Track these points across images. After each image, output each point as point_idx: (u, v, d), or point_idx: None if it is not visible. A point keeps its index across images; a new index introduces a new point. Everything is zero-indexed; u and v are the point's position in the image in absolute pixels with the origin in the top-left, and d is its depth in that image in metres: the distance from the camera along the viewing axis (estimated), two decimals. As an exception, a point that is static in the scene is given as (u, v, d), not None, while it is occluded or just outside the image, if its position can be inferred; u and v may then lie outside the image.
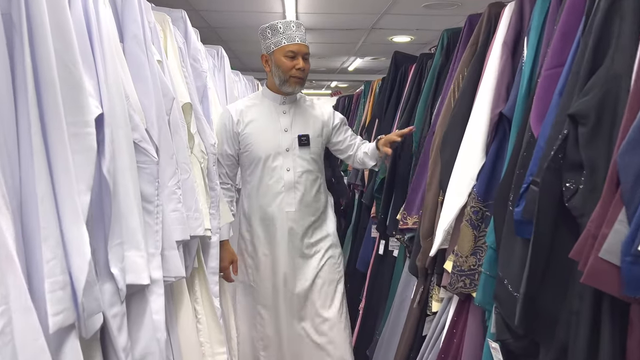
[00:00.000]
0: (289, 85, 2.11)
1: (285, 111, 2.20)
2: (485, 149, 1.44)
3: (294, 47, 2.07)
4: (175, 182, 1.40)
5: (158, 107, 1.34)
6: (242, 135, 2.15)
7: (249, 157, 2.16)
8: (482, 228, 1.44)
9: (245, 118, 2.16)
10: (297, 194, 2.16)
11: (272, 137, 2.15)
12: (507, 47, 1.42)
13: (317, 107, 2.31)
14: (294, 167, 2.16)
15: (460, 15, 3.87)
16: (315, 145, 2.21)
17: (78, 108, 0.81)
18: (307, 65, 2.12)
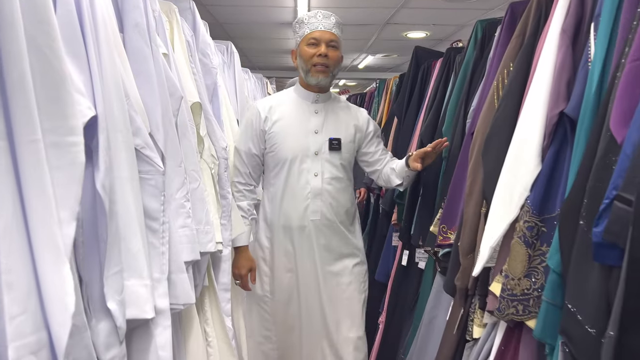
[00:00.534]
0: (312, 76, 1.94)
1: (317, 111, 2.03)
2: (541, 154, 1.25)
3: (316, 34, 1.92)
4: (184, 194, 1.21)
5: (164, 108, 1.16)
6: (269, 134, 1.99)
7: (274, 158, 2.00)
8: (538, 246, 1.24)
9: (274, 116, 2.00)
10: (325, 201, 1.99)
11: (300, 138, 1.98)
12: (567, 36, 1.23)
13: (353, 110, 2.13)
14: (322, 173, 1.98)
15: (480, 9, 3.68)
16: (347, 150, 2.03)
17: (60, 110, 0.62)
18: (334, 53, 1.94)
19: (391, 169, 2.07)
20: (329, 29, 1.93)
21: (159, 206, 1.06)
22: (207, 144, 1.66)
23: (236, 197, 1.98)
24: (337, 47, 1.95)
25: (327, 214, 2.00)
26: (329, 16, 1.95)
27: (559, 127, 1.21)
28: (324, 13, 1.95)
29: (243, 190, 2.02)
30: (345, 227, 2.06)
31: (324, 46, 1.90)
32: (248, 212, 2.00)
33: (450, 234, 1.73)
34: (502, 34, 1.59)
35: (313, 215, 1.99)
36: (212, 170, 1.67)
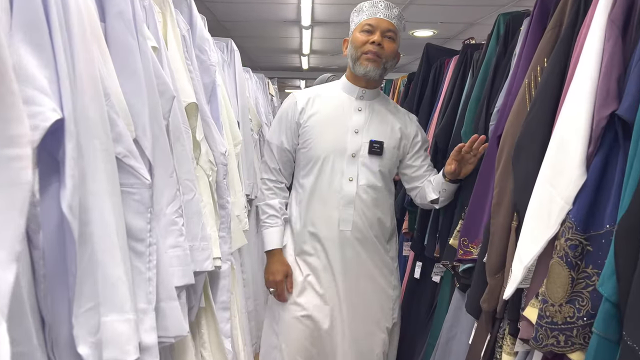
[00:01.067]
0: (361, 64, 1.72)
1: (360, 108, 1.80)
2: (586, 161, 1.09)
3: (373, 21, 1.71)
4: (175, 209, 1.05)
5: (152, 109, 1.00)
6: (304, 127, 1.78)
7: (307, 156, 1.78)
8: (582, 267, 1.08)
9: (311, 108, 1.79)
10: (358, 211, 1.75)
11: (338, 136, 1.76)
12: (616, 27, 1.07)
13: (402, 114, 1.90)
14: (358, 178, 1.75)
15: (491, 5, 3.52)
16: (390, 157, 1.80)
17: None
18: (389, 44, 1.72)
19: (428, 181, 1.85)
20: (388, 18, 1.72)
21: (144, 224, 0.91)
22: (204, 148, 1.50)
23: (266, 194, 1.82)
24: (394, 40, 1.74)
25: (360, 226, 1.76)
26: (391, 7, 1.74)
27: (608, 130, 1.05)
28: (386, 3, 1.74)
29: (273, 188, 1.83)
30: (380, 242, 1.82)
31: (379, 34, 1.69)
32: (280, 211, 1.82)
33: (473, 248, 1.57)
34: (532, 27, 1.43)
35: (344, 225, 1.75)
36: (209, 178, 1.51)
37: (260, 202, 1.84)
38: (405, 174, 1.90)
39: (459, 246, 1.61)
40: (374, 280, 1.81)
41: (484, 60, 1.78)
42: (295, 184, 1.85)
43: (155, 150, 1.00)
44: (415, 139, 1.87)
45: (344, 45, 1.83)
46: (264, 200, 1.82)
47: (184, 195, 1.23)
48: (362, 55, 1.70)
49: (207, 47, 1.67)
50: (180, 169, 1.23)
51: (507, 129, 1.37)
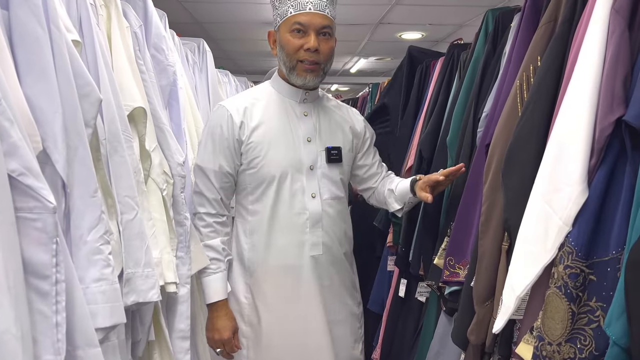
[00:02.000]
0: (297, 75, 1.46)
1: (307, 113, 1.54)
2: (588, 176, 0.93)
3: (303, 18, 1.40)
4: (100, 234, 0.88)
5: (69, 114, 0.83)
6: (247, 144, 1.48)
7: (256, 177, 1.49)
8: (584, 300, 0.92)
9: (252, 120, 1.48)
10: (326, 230, 1.53)
11: (290, 149, 1.49)
12: (622, 18, 0.91)
13: (345, 110, 1.66)
14: (321, 192, 1.52)
15: (482, 6, 3.38)
16: (347, 162, 1.59)
17: None
18: (326, 45, 1.44)
19: (389, 190, 1.65)
20: (320, 9, 1.41)
21: (49, 258, 0.73)
22: (157, 159, 1.33)
23: (204, 233, 1.49)
24: (331, 35, 1.46)
25: (330, 245, 1.54)
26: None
27: (613, 139, 0.90)
28: None
29: (213, 224, 1.50)
30: (348, 260, 1.63)
31: (314, 36, 1.40)
32: (223, 253, 1.51)
33: (459, 269, 1.41)
34: (523, 23, 1.28)
35: (313, 249, 1.51)
36: (163, 192, 1.34)
37: None
38: (357, 174, 1.70)
39: (445, 266, 1.45)
40: (345, 305, 1.61)
41: (471, 61, 1.63)
42: (242, 212, 1.55)
43: (73, 165, 0.83)
44: (365, 136, 1.67)
45: (269, 40, 1.53)
46: (203, 241, 1.49)
47: (123, 215, 1.06)
48: (298, 64, 1.44)
49: (164, 46, 1.50)
50: (119, 185, 1.06)
51: (496, 137, 1.22)
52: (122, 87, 1.18)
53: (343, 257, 1.60)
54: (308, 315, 1.53)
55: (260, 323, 1.52)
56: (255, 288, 1.53)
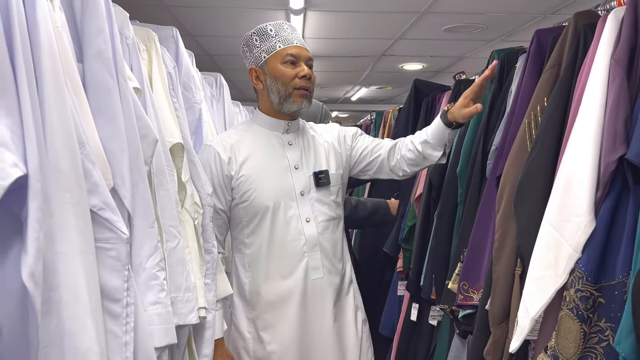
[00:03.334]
0: (294, 102, 1.53)
1: (291, 142, 1.62)
2: (594, 207, 1.03)
3: (294, 50, 1.52)
4: (156, 261, 0.97)
5: (133, 155, 0.93)
6: (237, 179, 1.54)
7: (249, 210, 1.54)
8: (594, 321, 1.02)
9: (239, 155, 1.55)
10: (324, 252, 1.57)
11: (280, 178, 1.56)
12: (621, 67, 1.03)
13: (323, 130, 1.71)
14: (315, 216, 1.57)
15: (481, 39, 3.54)
16: (336, 182, 1.63)
17: None
18: (313, 75, 1.57)
19: (420, 143, 1.59)
20: (303, 44, 1.55)
21: (121, 283, 0.82)
22: (189, 190, 1.42)
23: None
24: (313, 66, 1.59)
25: (330, 267, 1.58)
26: (294, 29, 1.58)
27: (617, 175, 1.00)
28: (289, 25, 1.57)
29: None
30: (350, 279, 1.67)
31: (304, 65, 1.53)
32: None
33: (473, 293, 1.49)
34: (529, 65, 1.40)
35: (314, 273, 1.55)
36: (195, 222, 1.43)
37: None
38: (362, 166, 1.69)
39: (459, 290, 1.53)
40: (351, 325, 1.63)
41: (479, 97, 1.74)
42: (239, 247, 1.59)
43: (135, 199, 0.92)
44: (347, 140, 1.70)
45: (251, 76, 1.61)
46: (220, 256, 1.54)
47: (168, 242, 1.15)
48: (295, 92, 1.52)
49: (193, 85, 1.61)
50: (164, 215, 1.15)
51: (507, 170, 1.32)
52: (163, 125, 1.28)
53: (345, 277, 1.64)
54: (314, 340, 1.56)
55: (266, 356, 1.55)
56: (258, 321, 1.56)
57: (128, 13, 1.19)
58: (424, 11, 2.90)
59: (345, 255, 1.66)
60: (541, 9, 2.83)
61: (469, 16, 3.00)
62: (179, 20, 3.09)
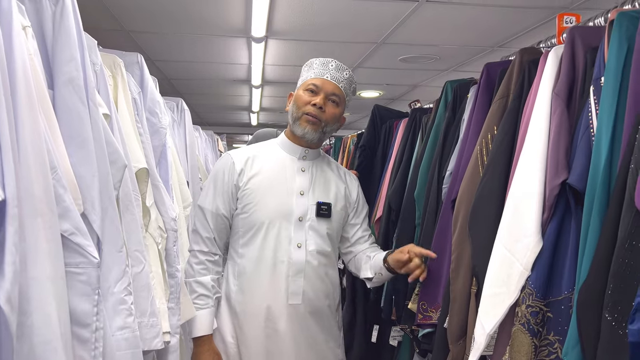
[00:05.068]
0: (300, 125, 1.60)
1: (304, 169, 1.66)
2: (541, 228, 1.11)
3: (318, 81, 1.60)
4: (124, 286, 0.97)
5: (103, 180, 0.94)
6: (243, 190, 1.58)
7: (247, 222, 1.58)
8: (544, 334, 1.09)
9: (251, 169, 1.61)
10: (308, 280, 1.58)
11: (282, 199, 1.59)
12: (561, 100, 1.13)
13: (343, 173, 1.77)
14: (307, 244, 1.59)
15: (435, 69, 3.72)
16: (337, 219, 1.67)
17: None
18: (332, 110, 1.60)
19: (367, 257, 1.70)
20: (336, 80, 1.61)
21: (91, 308, 0.82)
22: (153, 215, 1.43)
23: (196, 270, 1.57)
24: (339, 104, 1.62)
25: (312, 296, 1.58)
26: (342, 69, 1.63)
27: (560, 198, 1.09)
28: (338, 64, 1.63)
29: (205, 262, 1.57)
30: (332, 313, 1.66)
31: (323, 96, 1.58)
32: (212, 290, 1.57)
33: (432, 312, 1.55)
34: (479, 96, 1.50)
35: (293, 298, 1.56)
36: (159, 246, 1.43)
37: (189, 278, 1.58)
38: (344, 236, 1.76)
39: (418, 310, 1.59)
40: (322, 358, 1.63)
41: (433, 125, 1.84)
42: (233, 255, 1.63)
43: (105, 224, 0.93)
44: (359, 200, 1.77)
45: (288, 99, 1.72)
46: (194, 277, 1.56)
47: (133, 267, 1.15)
48: (303, 116, 1.59)
49: (158, 110, 1.63)
50: (130, 240, 1.15)
51: (461, 194, 1.40)
52: (129, 150, 1.29)
53: (327, 310, 1.64)
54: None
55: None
56: (239, 330, 1.58)
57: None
58: (380, 42, 3.03)
59: (331, 290, 1.66)
60: (490, 42, 3.02)
61: (423, 47, 3.15)
62: (139, 45, 3.10)
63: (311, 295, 1.59)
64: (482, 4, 2.41)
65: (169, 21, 2.67)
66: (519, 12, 2.51)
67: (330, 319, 1.66)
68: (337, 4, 2.44)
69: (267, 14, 2.47)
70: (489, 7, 2.44)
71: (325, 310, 1.64)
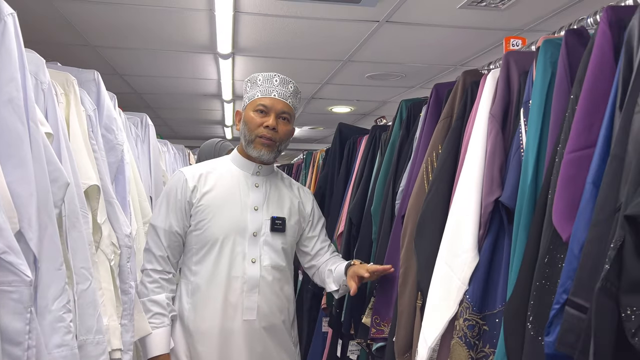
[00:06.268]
0: (254, 148, 1.61)
1: (258, 184, 1.67)
2: (478, 244, 1.16)
3: (267, 101, 1.59)
4: (63, 304, 0.98)
5: (42, 198, 0.95)
6: (197, 207, 1.58)
7: (201, 238, 1.58)
8: (480, 347, 1.12)
9: (204, 186, 1.61)
10: (263, 296, 1.59)
11: (236, 215, 1.59)
12: (496, 121, 1.18)
13: (297, 189, 1.80)
14: (261, 259, 1.61)
15: (403, 86, 3.79)
16: (292, 233, 1.69)
17: None
18: (284, 127, 1.62)
19: (329, 270, 1.72)
20: (283, 98, 1.62)
21: (23, 326, 0.83)
22: (106, 231, 1.43)
23: (150, 288, 1.55)
24: (289, 121, 1.65)
25: (267, 312, 1.59)
26: (286, 83, 1.64)
27: (495, 215, 1.14)
28: (282, 78, 1.64)
29: (159, 280, 1.56)
30: (287, 328, 1.67)
31: (274, 117, 1.59)
32: (167, 308, 1.55)
33: (384, 326, 1.58)
34: (428, 115, 1.55)
35: (247, 314, 1.56)
36: (111, 262, 1.43)
37: (143, 297, 1.55)
38: (304, 251, 1.79)
39: (371, 324, 1.62)
40: None
41: (389, 142, 1.89)
42: (186, 272, 1.62)
43: (43, 242, 0.94)
44: (313, 214, 1.79)
45: (236, 118, 1.71)
46: (148, 296, 1.54)
47: (79, 285, 1.16)
48: (257, 139, 1.60)
49: (114, 126, 1.63)
50: (75, 257, 1.16)
51: (409, 210, 1.44)
52: (79, 167, 1.30)
53: (281, 325, 1.65)
54: None
55: None
56: (192, 349, 1.57)
57: (53, 53, 1.23)
58: (346, 60, 3.09)
59: (286, 305, 1.68)
60: (453, 61, 3.11)
61: (389, 65, 3.22)
62: (106, 60, 3.10)
63: (266, 310, 1.60)
64: (441, 25, 2.49)
65: (135, 36, 2.69)
66: (478, 33, 2.59)
67: (285, 335, 1.67)
68: (298, 24, 2.49)
69: (231, 31, 2.51)
70: (449, 27, 2.52)
71: (279, 325, 1.64)
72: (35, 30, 2.51)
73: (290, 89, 1.65)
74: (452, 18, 2.38)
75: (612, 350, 0.71)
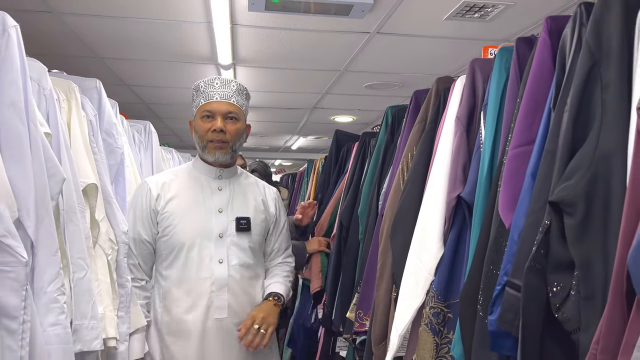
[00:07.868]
0: (209, 153, 1.66)
1: (221, 187, 1.72)
2: (443, 237, 1.24)
3: (210, 106, 1.63)
4: (57, 287, 1.08)
5: (40, 191, 1.06)
6: (162, 214, 1.64)
7: (168, 244, 1.63)
8: (445, 333, 1.20)
9: (168, 193, 1.67)
10: (233, 294, 1.64)
11: (201, 219, 1.65)
12: (461, 123, 1.27)
13: (262, 187, 1.84)
14: (229, 259, 1.65)
15: (402, 96, 3.88)
16: (258, 232, 1.73)
17: None
18: (232, 127, 1.65)
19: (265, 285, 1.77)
20: (226, 98, 1.64)
21: (18, 302, 0.93)
22: (104, 228, 1.53)
23: None
24: (238, 119, 1.66)
25: (237, 309, 1.64)
26: (227, 83, 1.66)
27: (458, 210, 1.22)
28: (222, 80, 1.66)
29: (132, 288, 1.60)
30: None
31: (220, 120, 1.62)
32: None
33: (366, 320, 1.66)
34: (408, 120, 1.65)
35: (218, 312, 1.61)
36: (108, 257, 1.53)
37: None
38: (265, 250, 1.82)
39: (355, 319, 1.70)
40: None
41: (376, 147, 1.98)
42: (158, 278, 1.67)
43: (40, 230, 1.04)
44: (277, 214, 1.83)
45: (190, 127, 1.75)
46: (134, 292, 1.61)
47: (75, 273, 1.26)
48: (208, 144, 1.65)
49: (115, 131, 1.75)
50: (72, 248, 1.26)
51: (387, 208, 1.53)
52: (78, 166, 1.41)
53: None
54: None
55: None
56: (166, 350, 1.62)
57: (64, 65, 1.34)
58: (343, 70, 3.19)
59: (259, 301, 1.71)
60: (448, 70, 3.20)
61: (385, 75, 3.32)
62: (114, 71, 3.24)
63: (236, 308, 1.65)
64: (430, 36, 2.59)
65: (140, 48, 2.82)
66: (466, 43, 2.68)
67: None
68: (293, 35, 2.60)
69: (230, 43, 2.63)
70: (438, 38, 2.62)
71: None
72: (47, 44, 2.67)
73: (233, 88, 1.67)
74: (440, 29, 2.47)
75: (539, 324, 0.79)
